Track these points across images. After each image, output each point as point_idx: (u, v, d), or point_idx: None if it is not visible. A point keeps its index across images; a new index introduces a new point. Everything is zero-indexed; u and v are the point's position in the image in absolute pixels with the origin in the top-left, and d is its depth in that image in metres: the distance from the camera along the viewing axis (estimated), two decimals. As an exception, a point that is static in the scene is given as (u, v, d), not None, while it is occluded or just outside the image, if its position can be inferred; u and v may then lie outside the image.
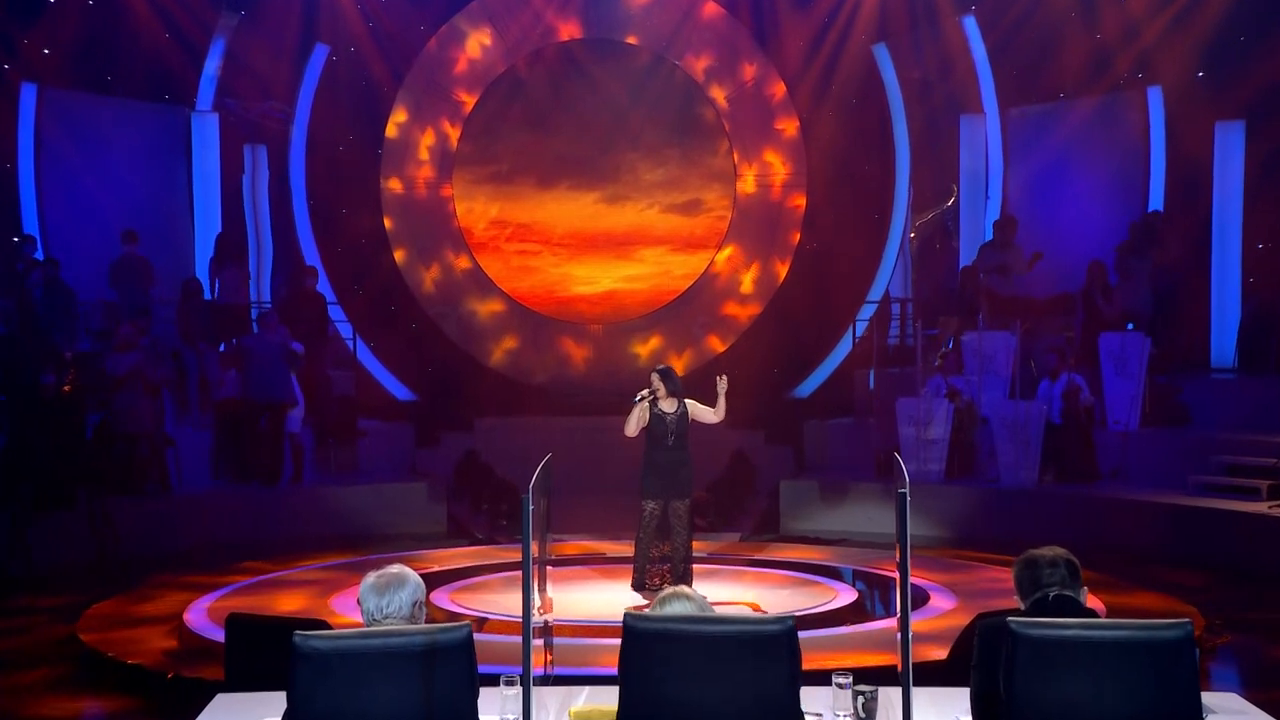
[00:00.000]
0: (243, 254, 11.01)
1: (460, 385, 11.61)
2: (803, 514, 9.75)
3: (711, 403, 6.57)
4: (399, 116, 11.77)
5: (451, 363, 11.80)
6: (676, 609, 2.69)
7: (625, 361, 11.90)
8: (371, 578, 2.81)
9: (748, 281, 12.12)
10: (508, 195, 12.01)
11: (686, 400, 6.81)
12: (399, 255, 12.03)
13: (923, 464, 9.57)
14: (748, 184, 11.96)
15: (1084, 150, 10.99)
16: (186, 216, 11.20)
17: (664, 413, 6.73)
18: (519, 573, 4.49)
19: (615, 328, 12.16)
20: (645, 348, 12.01)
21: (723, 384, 6.49)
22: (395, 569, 2.82)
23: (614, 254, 12.12)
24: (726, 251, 12.08)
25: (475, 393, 11.55)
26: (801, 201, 11.93)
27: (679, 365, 10.61)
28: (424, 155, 11.95)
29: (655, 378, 6.77)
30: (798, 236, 11.94)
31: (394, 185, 11.95)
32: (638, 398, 6.69)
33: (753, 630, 2.58)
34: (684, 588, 2.78)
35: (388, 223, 11.96)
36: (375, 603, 2.75)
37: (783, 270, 12.07)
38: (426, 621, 2.73)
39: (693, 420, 6.68)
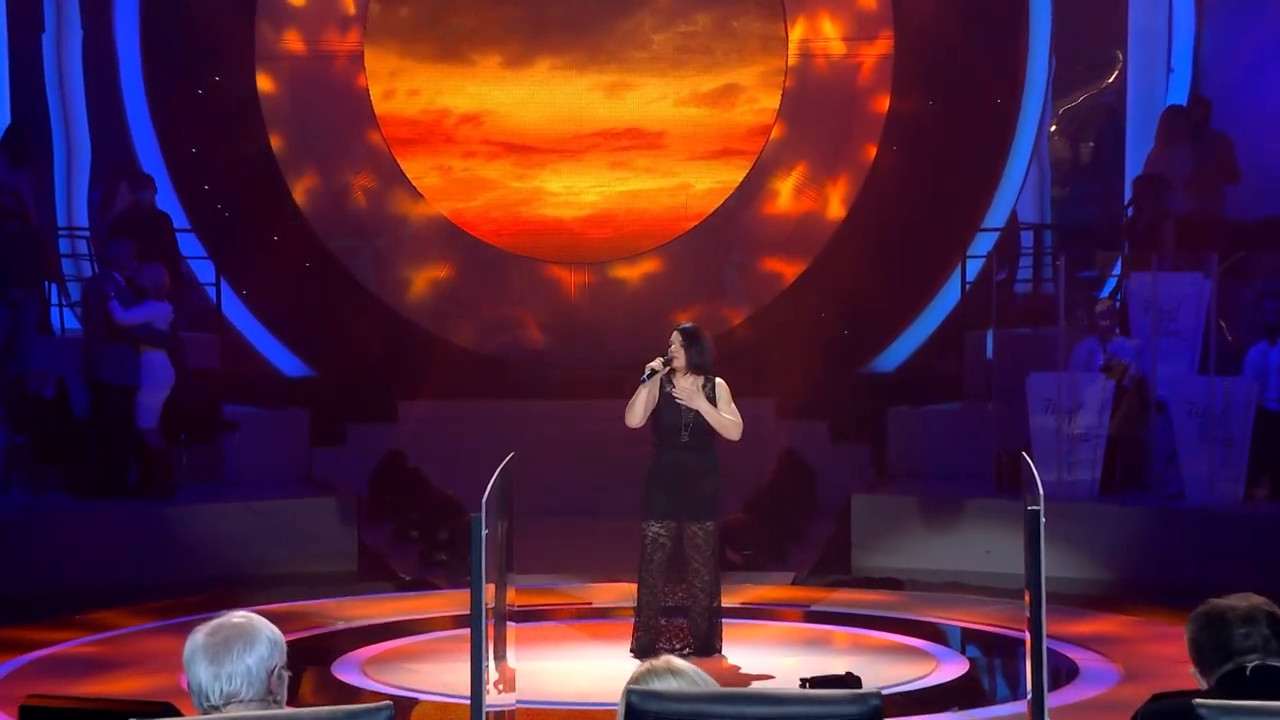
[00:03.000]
0: (43, 154, 11.15)
1: (378, 355, 11.78)
2: (886, 545, 9.93)
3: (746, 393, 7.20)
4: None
5: (365, 321, 11.94)
6: (663, 689, 2.63)
7: (620, 320, 12.02)
8: (201, 636, 2.78)
9: (804, 203, 12.29)
10: (453, 73, 12.20)
11: (718, 382, 6.94)
12: (283, 158, 12.17)
13: (1068, 471, 9.66)
14: (806, 63, 12.12)
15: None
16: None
17: (680, 394, 6.90)
18: (466, 632, 4.68)
19: (607, 269, 12.31)
20: (650, 299, 12.15)
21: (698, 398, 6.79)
22: (238, 619, 2.79)
23: (607, 161, 12.28)
24: (772, 160, 12.23)
25: (400, 366, 11.77)
26: (885, 87, 12.11)
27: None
28: (325, 9, 12.14)
29: (675, 339, 6.88)
30: (878, 139, 12.13)
31: (278, 51, 12.07)
32: (647, 371, 6.80)
33: (823, 713, 2.55)
34: (673, 659, 2.71)
35: (267, 110, 12.08)
36: (208, 675, 2.71)
37: (855, 186, 12.22)
38: (306, 703, 2.69)
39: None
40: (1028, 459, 4.93)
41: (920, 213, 11.78)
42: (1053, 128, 12.08)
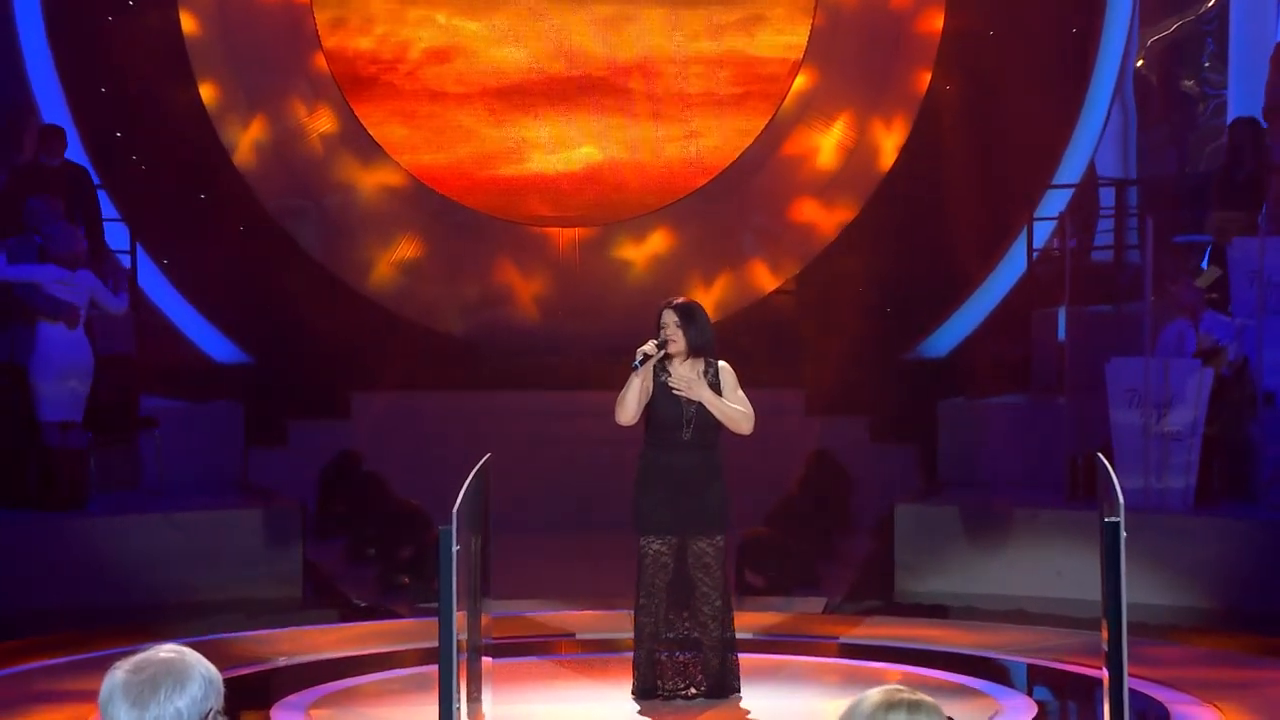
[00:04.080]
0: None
1: (326, 338, 11.86)
2: (936, 565, 9.97)
3: (759, 380, 7.31)
4: None
5: (311, 296, 12.00)
6: None
7: (615, 296, 12.10)
8: (121, 674, 2.76)
9: (839, 154, 12.29)
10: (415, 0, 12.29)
11: (721, 366, 6.95)
12: (211, 101, 12.20)
13: (1156, 477, 9.68)
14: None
15: None
16: None
17: (678, 383, 6.91)
18: (433, 669, 4.74)
19: (603, 235, 12.37)
20: (652, 271, 12.23)
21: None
22: (166, 654, 2.77)
23: (603, 106, 12.30)
24: (801, 103, 12.25)
25: (354, 350, 11.85)
26: (938, 15, 12.14)
27: (710, 304, 10.54)
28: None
29: (668, 319, 6.90)
30: (928, 77, 12.14)
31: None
32: (638, 357, 6.82)
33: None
34: (923, 697, 2.66)
35: (192, 44, 12.16)
36: None
37: (899, 136, 12.24)
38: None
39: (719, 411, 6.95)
40: (1105, 462, 4.94)
41: (978, 167, 11.81)
42: (1139, 62, 12.21)
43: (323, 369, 11.71)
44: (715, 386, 6.87)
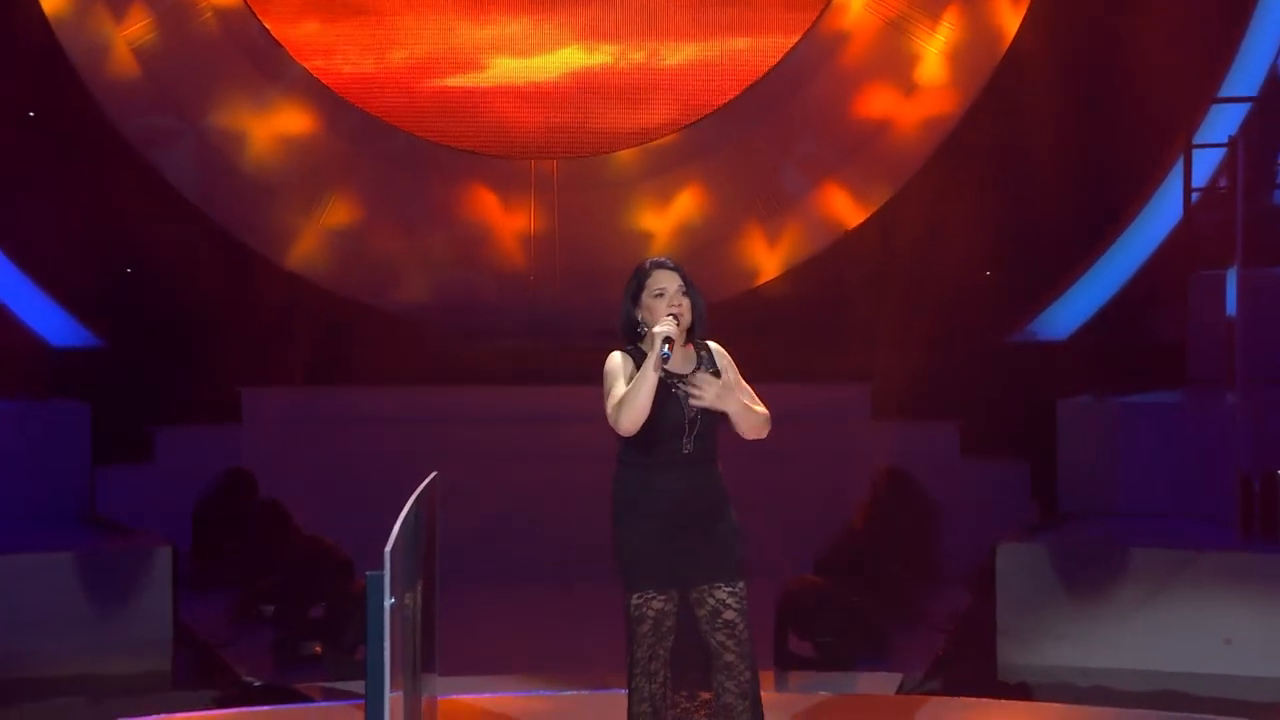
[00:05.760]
0: None
1: (207, 314, 11.98)
2: (1054, 629, 10.04)
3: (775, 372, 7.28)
4: None
5: (184, 258, 12.20)
6: None
7: (614, 254, 12.24)
8: None
9: (910, 61, 12.51)
10: None
11: (714, 349, 7.05)
12: None
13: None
14: None
15: None
16: None
17: (679, 378, 6.96)
18: None
19: (585, 171, 12.66)
20: (656, 219, 12.45)
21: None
22: None
23: (585, 3, 12.68)
24: None
25: (244, 332, 11.98)
26: None
27: (758, 262, 10.90)
28: None
29: (668, 284, 6.95)
30: None
31: None
32: (661, 341, 6.77)
33: None
34: None
35: None
36: None
37: (1017, 14, 12.38)
38: None
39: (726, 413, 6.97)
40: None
41: (1115, 73, 12.02)
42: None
43: (200, 355, 11.73)
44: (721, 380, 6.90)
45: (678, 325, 6.74)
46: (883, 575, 10.62)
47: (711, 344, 6.93)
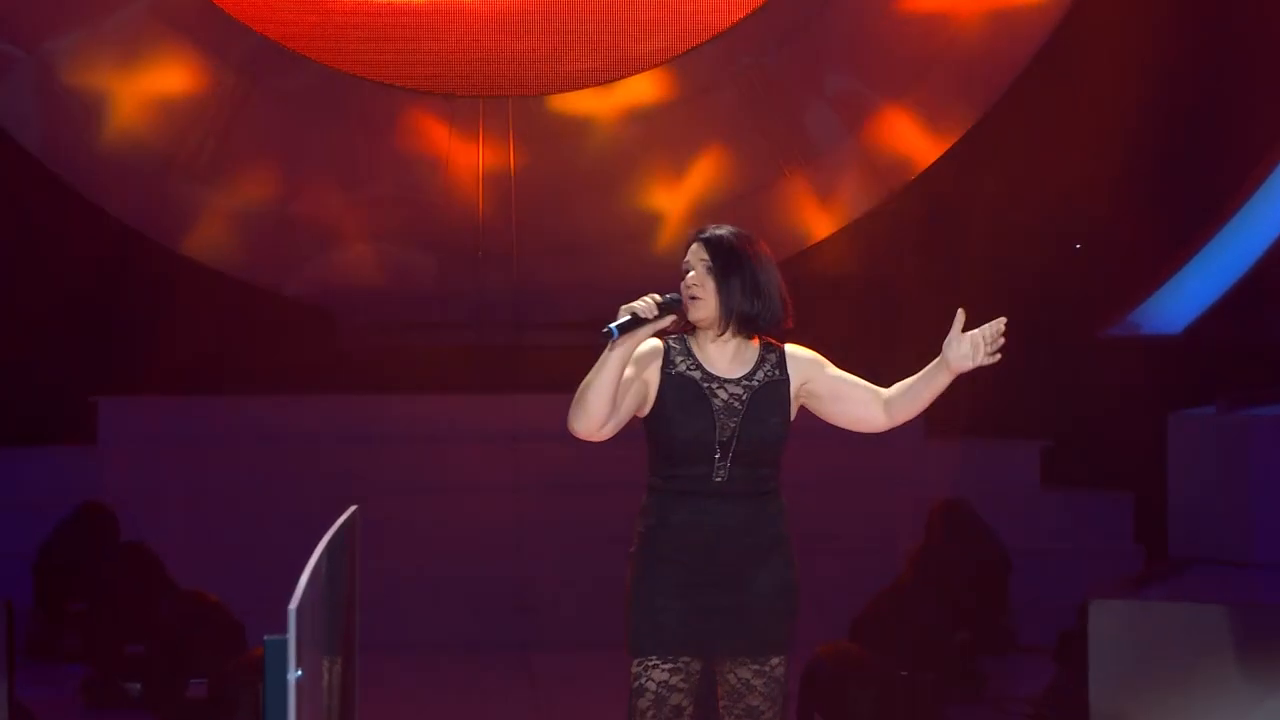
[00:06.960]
0: None
1: (52, 299, 12.27)
2: (1165, 708, 9.71)
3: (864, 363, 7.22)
4: None
5: (20, 223, 12.34)
6: None
7: (589, 219, 12.68)
8: None
9: None
10: None
11: (800, 355, 6.85)
12: None
13: None
14: None
15: None
16: None
17: (719, 381, 6.73)
18: None
19: (552, 112, 12.82)
20: (644, 175, 12.81)
21: (961, 318, 6.82)
22: None
23: None
24: None
25: (103, 323, 12.30)
26: None
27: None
28: None
29: (695, 259, 6.77)
30: None
31: None
32: (622, 315, 6.58)
33: None
34: None
35: None
36: None
37: None
38: None
39: (823, 414, 6.88)
40: None
41: (1229, 12, 12.38)
42: None
43: (46, 357, 11.90)
44: (785, 393, 6.66)
45: (665, 310, 6.55)
46: (938, 641, 10.51)
47: (792, 347, 6.78)
